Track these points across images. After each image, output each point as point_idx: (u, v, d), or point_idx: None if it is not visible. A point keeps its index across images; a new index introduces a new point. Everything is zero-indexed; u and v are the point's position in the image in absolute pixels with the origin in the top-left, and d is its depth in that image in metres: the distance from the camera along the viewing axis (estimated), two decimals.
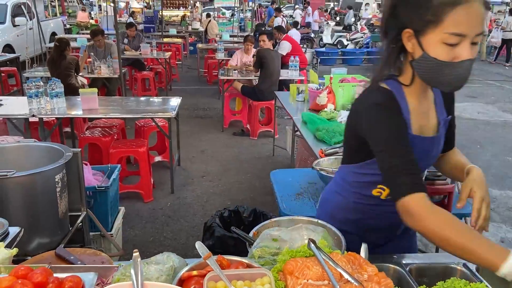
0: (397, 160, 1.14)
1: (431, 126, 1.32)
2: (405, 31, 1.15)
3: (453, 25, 1.07)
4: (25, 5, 11.34)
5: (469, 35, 1.08)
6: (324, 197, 1.58)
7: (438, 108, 1.34)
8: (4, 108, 4.17)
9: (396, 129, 1.18)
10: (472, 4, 1.06)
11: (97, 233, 2.83)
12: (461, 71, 1.12)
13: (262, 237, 1.13)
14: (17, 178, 1.79)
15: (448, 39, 1.08)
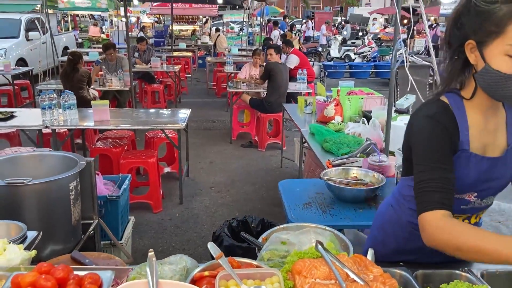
0: (429, 175, 1.13)
1: (498, 146, 1.23)
2: (468, 42, 1.12)
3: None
4: (38, 20, 11.62)
5: None
6: (380, 210, 1.54)
7: (509, 128, 1.25)
8: (17, 119, 4.27)
9: (438, 144, 1.15)
10: None
11: (107, 242, 2.88)
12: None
13: (271, 240, 1.16)
14: (33, 185, 1.86)
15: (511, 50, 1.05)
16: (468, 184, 1.22)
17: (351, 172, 2.49)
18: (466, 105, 1.20)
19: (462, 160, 1.19)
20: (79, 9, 19.19)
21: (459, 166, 1.18)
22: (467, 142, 1.18)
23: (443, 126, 1.16)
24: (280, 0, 38.80)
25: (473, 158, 1.18)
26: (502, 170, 1.23)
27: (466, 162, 1.19)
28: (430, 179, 1.13)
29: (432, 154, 1.15)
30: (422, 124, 1.19)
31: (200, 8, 17.79)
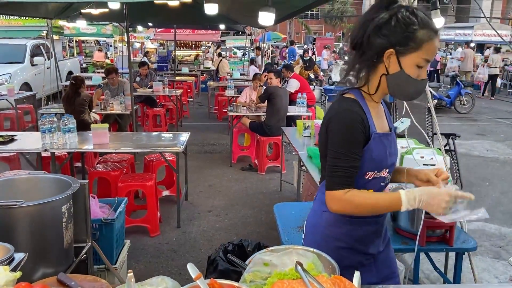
0: (342, 163, 1.41)
1: (386, 127, 1.58)
2: (389, 50, 1.40)
3: (426, 53, 1.39)
4: (43, 46, 11.85)
5: (430, 61, 1.42)
6: (311, 222, 1.65)
7: (387, 117, 1.62)
8: (17, 143, 4.30)
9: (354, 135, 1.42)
10: (436, 40, 1.40)
11: (101, 266, 2.85)
12: (422, 87, 1.45)
13: (254, 261, 1.16)
14: (25, 208, 1.86)
15: (420, 62, 1.40)
16: (382, 161, 1.50)
17: None
18: (366, 98, 1.50)
19: (376, 141, 1.46)
20: (84, 35, 19.63)
21: (375, 146, 1.46)
22: (374, 126, 1.47)
23: (361, 118, 1.43)
24: (282, 26, 39.44)
25: (381, 137, 1.49)
26: (394, 146, 1.57)
27: (378, 141, 1.47)
28: (342, 166, 1.42)
29: (348, 144, 1.42)
30: (342, 116, 1.44)
31: (203, 34, 18.12)
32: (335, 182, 1.42)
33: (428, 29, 1.38)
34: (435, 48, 1.41)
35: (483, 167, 6.66)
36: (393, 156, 1.55)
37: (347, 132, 1.41)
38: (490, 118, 11.13)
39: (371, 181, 1.50)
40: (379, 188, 1.54)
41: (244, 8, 6.29)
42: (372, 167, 1.48)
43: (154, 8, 7.73)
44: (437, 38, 1.41)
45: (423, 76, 1.43)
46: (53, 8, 7.89)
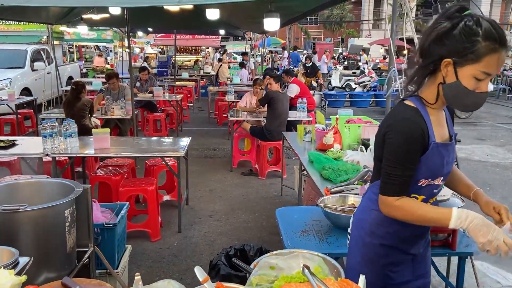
0: (398, 171, 1.45)
1: (446, 136, 1.57)
2: (446, 59, 1.39)
3: (486, 66, 1.35)
4: (44, 51, 11.88)
5: (492, 74, 1.38)
6: (359, 218, 1.71)
7: (449, 124, 1.61)
8: (18, 147, 4.30)
9: (413, 146, 1.43)
10: (501, 53, 1.35)
11: (103, 271, 2.84)
12: (479, 100, 1.42)
13: (260, 265, 1.16)
14: (28, 212, 1.86)
15: (479, 75, 1.36)
16: (438, 170, 1.51)
17: (348, 199, 2.49)
18: (427, 107, 1.50)
19: (434, 151, 1.47)
20: (84, 41, 19.68)
21: (432, 156, 1.47)
22: (433, 136, 1.47)
23: (421, 129, 1.44)
24: (281, 31, 39.58)
25: (440, 147, 1.49)
26: (452, 154, 1.57)
27: (436, 152, 1.48)
28: (397, 175, 1.46)
29: (405, 155, 1.44)
30: (402, 126, 1.45)
31: (203, 39, 18.18)
32: (389, 189, 1.48)
33: (492, 41, 1.33)
34: (497, 62, 1.35)
35: (483, 172, 6.67)
36: (449, 165, 1.56)
37: (405, 143, 1.43)
38: (490, 122, 11.15)
39: (424, 187, 1.53)
40: (430, 195, 1.58)
41: (245, 14, 6.32)
42: (427, 176, 1.50)
43: (154, 13, 7.77)
44: (503, 51, 1.35)
45: (482, 89, 1.39)
46: (54, 13, 7.92)
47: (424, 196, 1.55)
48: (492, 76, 1.39)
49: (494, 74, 1.39)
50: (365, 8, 41.08)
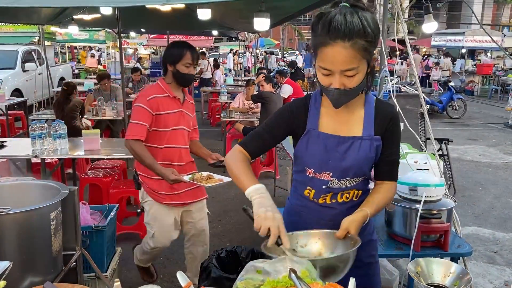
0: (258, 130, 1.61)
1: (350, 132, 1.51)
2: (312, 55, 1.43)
3: (321, 61, 1.34)
4: (35, 52, 11.77)
5: (333, 70, 1.32)
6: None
7: (365, 123, 1.52)
8: (7, 149, 4.24)
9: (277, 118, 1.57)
10: (334, 47, 1.28)
11: (92, 274, 2.80)
12: (331, 96, 1.39)
13: (246, 269, 1.13)
14: (12, 215, 1.81)
15: (320, 70, 1.36)
16: (320, 161, 1.49)
17: None
18: (323, 99, 1.53)
19: (312, 138, 1.50)
20: (77, 41, 19.56)
21: (311, 143, 1.50)
22: (316, 124, 1.51)
23: (291, 109, 1.55)
24: (275, 32, 39.60)
25: (322, 135, 1.49)
26: (352, 154, 1.48)
27: (316, 139, 1.49)
28: (256, 133, 1.60)
29: (271, 120, 1.58)
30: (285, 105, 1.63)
31: (196, 40, 18.11)
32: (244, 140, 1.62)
33: (324, 35, 1.29)
34: (330, 55, 1.29)
35: (475, 172, 6.68)
36: (339, 161, 1.49)
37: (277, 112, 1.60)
38: (482, 123, 11.21)
39: (312, 179, 1.53)
40: (320, 190, 1.54)
41: (238, 14, 6.28)
42: (309, 164, 1.52)
43: (147, 14, 7.70)
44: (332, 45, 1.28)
45: (334, 85, 1.34)
46: (45, 15, 7.83)
47: (314, 190, 1.54)
48: (333, 71, 1.32)
49: (332, 68, 1.31)
50: None
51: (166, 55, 2.75)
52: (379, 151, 1.52)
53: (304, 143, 1.51)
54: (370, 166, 1.54)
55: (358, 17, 1.27)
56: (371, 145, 1.50)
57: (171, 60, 2.71)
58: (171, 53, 2.72)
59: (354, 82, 1.34)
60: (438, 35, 19.04)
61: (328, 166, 1.49)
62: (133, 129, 2.65)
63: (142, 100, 2.67)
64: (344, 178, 1.51)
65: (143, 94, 2.71)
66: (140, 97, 2.70)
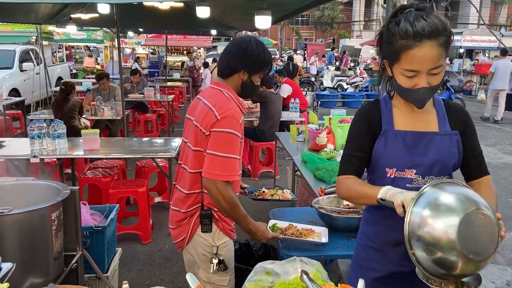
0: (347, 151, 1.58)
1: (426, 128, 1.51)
2: (384, 60, 1.47)
3: (407, 63, 1.35)
4: (33, 51, 11.72)
5: (421, 70, 1.34)
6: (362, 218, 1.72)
7: (440, 120, 1.53)
8: (6, 149, 4.20)
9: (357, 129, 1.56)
10: (421, 48, 1.31)
11: (92, 275, 2.77)
12: (418, 96, 1.40)
13: (256, 270, 1.10)
14: (13, 215, 1.79)
15: (405, 72, 1.37)
16: (402, 159, 1.47)
17: (343, 200, 2.44)
18: (393, 101, 1.55)
19: (390, 137, 1.49)
20: (74, 41, 19.50)
21: (389, 142, 1.49)
22: (391, 123, 1.51)
23: (367, 114, 1.55)
24: (273, 32, 39.61)
25: (399, 133, 1.49)
26: (434, 148, 1.47)
27: (394, 138, 1.48)
28: (346, 154, 1.57)
29: (351, 136, 1.57)
30: (356, 113, 1.62)
31: (194, 40, 18.09)
32: (340, 168, 1.58)
33: (406, 38, 1.32)
34: (415, 57, 1.33)
35: None
36: (424, 157, 1.47)
37: (352, 126, 1.58)
38: (480, 123, 11.21)
39: (394, 180, 1.48)
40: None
41: (237, 12, 6.26)
42: (390, 164, 1.48)
43: (145, 13, 7.67)
44: (420, 46, 1.31)
45: (421, 85, 1.36)
46: (43, 14, 7.79)
47: None
48: (421, 71, 1.34)
49: (420, 69, 1.34)
50: (356, 9, 41.26)
51: (243, 58, 1.96)
52: (460, 147, 1.52)
53: (382, 145, 1.49)
54: (454, 162, 1.51)
55: (434, 16, 1.34)
56: (451, 140, 1.50)
57: (249, 66, 1.97)
58: (254, 59, 1.97)
59: (438, 79, 1.38)
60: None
61: (411, 163, 1.46)
62: (228, 166, 1.85)
63: (235, 124, 1.88)
64: (429, 176, 1.48)
65: (232, 115, 1.88)
66: (230, 120, 1.87)
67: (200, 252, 2.02)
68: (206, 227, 1.99)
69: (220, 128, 1.85)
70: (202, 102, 1.96)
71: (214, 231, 2.00)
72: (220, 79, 2.02)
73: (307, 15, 46.00)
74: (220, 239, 2.02)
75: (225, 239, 2.04)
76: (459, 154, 1.51)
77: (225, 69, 2.00)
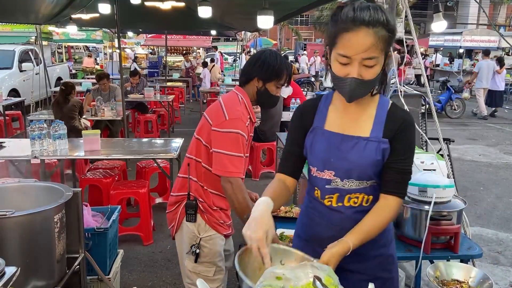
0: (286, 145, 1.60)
1: (358, 132, 1.45)
2: (327, 47, 1.40)
3: (341, 48, 1.30)
4: (32, 52, 11.69)
5: (354, 57, 1.28)
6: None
7: (375, 125, 1.45)
8: (6, 150, 4.18)
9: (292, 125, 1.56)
10: (357, 33, 1.26)
11: (94, 277, 2.75)
12: (345, 85, 1.34)
13: (265, 275, 1.09)
14: (15, 218, 1.76)
15: (339, 58, 1.31)
16: (323, 159, 1.45)
17: None
18: (334, 96, 1.52)
19: (318, 136, 1.47)
20: (74, 41, 19.48)
21: (315, 141, 1.48)
22: (322, 122, 1.48)
23: (300, 109, 1.56)
24: (272, 32, 39.59)
25: (326, 133, 1.46)
26: (356, 154, 1.43)
27: (320, 137, 1.47)
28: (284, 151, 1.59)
29: (289, 133, 1.59)
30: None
31: (194, 40, 18.07)
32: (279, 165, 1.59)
33: (346, 22, 1.28)
34: (349, 41, 1.27)
35: (476, 172, 6.67)
36: (345, 161, 1.43)
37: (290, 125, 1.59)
38: (481, 122, 11.21)
39: (315, 179, 1.49)
40: (324, 191, 1.48)
41: (238, 12, 6.25)
42: (313, 162, 1.49)
43: (145, 13, 7.66)
44: (356, 31, 1.26)
45: (351, 74, 1.31)
46: (43, 14, 7.78)
47: (319, 190, 1.50)
48: (353, 59, 1.28)
49: (352, 54, 1.28)
50: None
51: (256, 66, 2.09)
52: (386, 155, 1.43)
53: (309, 141, 1.49)
54: (376, 170, 1.44)
55: (380, 9, 1.30)
56: (378, 147, 1.42)
57: (262, 74, 2.08)
58: (266, 67, 2.08)
59: (371, 73, 1.31)
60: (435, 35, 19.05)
61: (330, 164, 1.44)
62: (237, 163, 1.99)
63: (241, 125, 2.01)
64: (348, 179, 1.44)
65: (239, 116, 2.03)
66: (237, 121, 2.01)
67: (185, 241, 2.14)
68: (190, 217, 2.11)
69: (229, 129, 2.00)
70: (218, 101, 2.14)
71: (199, 222, 2.11)
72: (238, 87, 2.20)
73: (306, 15, 45.96)
74: (206, 232, 2.11)
75: (211, 232, 2.12)
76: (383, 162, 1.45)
77: (241, 77, 2.19)
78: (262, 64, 2.08)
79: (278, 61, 2.09)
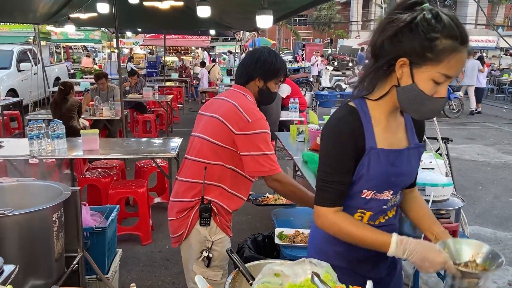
0: (331, 178, 1.30)
1: (401, 143, 1.37)
2: (402, 59, 1.20)
3: (447, 68, 1.17)
4: (30, 51, 11.68)
5: (453, 77, 1.20)
6: (312, 234, 1.54)
7: (409, 132, 1.41)
8: (4, 149, 4.17)
9: (343, 148, 1.29)
10: (464, 54, 1.17)
11: (93, 276, 2.75)
12: (437, 106, 1.24)
13: (264, 272, 1.09)
14: (14, 216, 1.76)
15: (439, 78, 1.18)
16: (384, 181, 1.33)
17: None
18: (369, 105, 1.33)
19: (373, 157, 1.30)
20: (72, 41, 19.46)
21: (372, 162, 1.30)
22: (374, 140, 1.30)
23: (351, 129, 1.29)
24: (271, 32, 39.60)
25: (382, 153, 1.31)
26: (407, 165, 1.37)
27: (376, 158, 1.30)
28: (332, 181, 1.30)
29: (336, 157, 1.30)
30: (332, 125, 1.33)
31: (193, 40, 18.09)
32: (324, 197, 1.32)
33: (453, 39, 1.15)
34: (460, 63, 1.18)
35: (475, 171, 6.68)
36: (402, 176, 1.37)
37: (335, 145, 1.30)
38: (479, 122, 11.24)
39: (370, 201, 1.35)
40: (379, 211, 1.38)
41: (237, 11, 6.25)
42: (369, 186, 1.33)
43: (144, 13, 7.66)
44: (464, 52, 1.17)
45: (441, 94, 1.21)
46: (41, 14, 7.77)
47: (372, 212, 1.37)
48: (452, 79, 1.21)
49: (454, 76, 1.21)
50: (353, 9, 41.29)
51: (256, 66, 2.09)
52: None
53: (365, 165, 1.30)
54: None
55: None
56: (419, 153, 1.42)
57: (264, 74, 2.10)
58: (267, 66, 2.09)
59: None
60: None
61: (390, 183, 1.35)
62: (272, 160, 2.01)
63: (264, 123, 2.02)
64: (399, 192, 1.42)
65: (260, 116, 2.03)
66: (260, 121, 2.01)
67: (195, 247, 2.07)
68: (205, 221, 2.03)
69: (255, 130, 1.98)
70: (224, 100, 2.06)
71: (212, 225, 2.05)
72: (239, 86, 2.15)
73: (305, 15, 46.03)
74: (217, 235, 2.07)
75: (221, 235, 2.08)
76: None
77: (241, 78, 2.13)
78: (263, 64, 2.08)
79: (277, 60, 2.11)
